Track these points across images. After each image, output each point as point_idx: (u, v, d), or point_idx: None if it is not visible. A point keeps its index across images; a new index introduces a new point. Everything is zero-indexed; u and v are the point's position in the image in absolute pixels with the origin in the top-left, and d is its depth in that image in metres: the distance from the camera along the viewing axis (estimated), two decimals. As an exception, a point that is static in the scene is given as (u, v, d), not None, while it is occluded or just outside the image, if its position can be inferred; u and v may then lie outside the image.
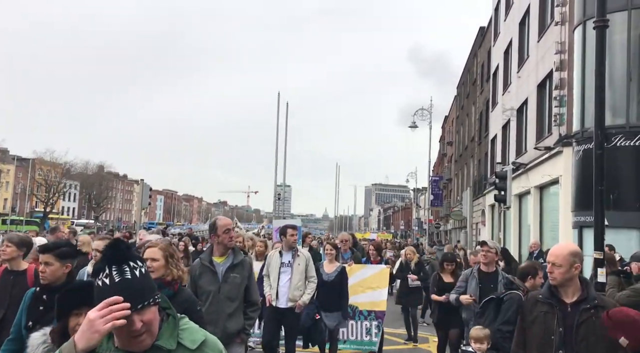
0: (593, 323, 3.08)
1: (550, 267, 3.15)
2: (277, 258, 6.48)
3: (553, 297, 3.20)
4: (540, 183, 15.42)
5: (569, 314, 3.15)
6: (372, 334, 7.81)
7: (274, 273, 6.41)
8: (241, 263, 4.41)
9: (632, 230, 10.76)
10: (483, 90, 29.29)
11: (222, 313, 4.23)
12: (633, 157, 11.06)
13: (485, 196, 25.59)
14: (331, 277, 6.91)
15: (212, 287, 4.28)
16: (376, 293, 7.89)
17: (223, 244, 4.36)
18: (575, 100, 12.82)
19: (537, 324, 3.22)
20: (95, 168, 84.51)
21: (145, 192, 15.75)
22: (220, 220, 4.49)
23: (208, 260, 4.39)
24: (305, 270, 6.37)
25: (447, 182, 44.64)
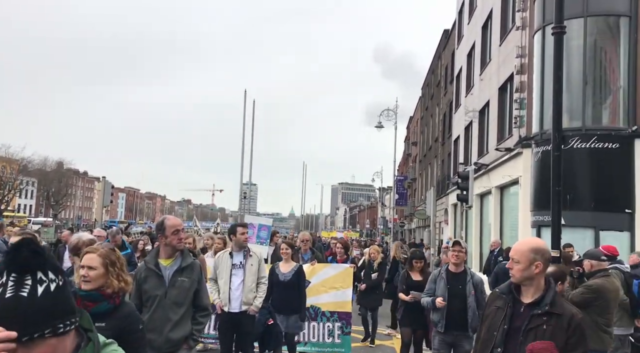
0: (542, 331, 2.79)
1: (510, 263, 3.00)
2: (227, 259, 6.07)
3: (510, 294, 3.00)
4: (500, 183, 15.83)
5: (520, 315, 2.91)
6: (334, 336, 7.56)
7: (224, 276, 6.01)
8: (190, 267, 4.10)
9: (587, 229, 11.18)
10: (447, 91, 29.83)
11: (168, 320, 3.94)
12: (588, 158, 11.49)
13: (448, 196, 26.09)
14: (287, 277, 6.61)
15: (158, 291, 3.97)
16: (339, 293, 7.65)
17: (171, 246, 4.07)
18: (535, 103, 13.22)
19: (489, 318, 3.06)
20: (55, 164, 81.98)
21: (107, 189, 15.38)
22: (169, 220, 4.16)
23: (153, 263, 4.09)
24: (257, 270, 6.06)
25: (412, 181, 45.28)
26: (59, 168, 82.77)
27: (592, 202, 11.32)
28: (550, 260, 2.94)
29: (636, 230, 11.07)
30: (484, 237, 18.46)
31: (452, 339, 5.71)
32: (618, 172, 11.36)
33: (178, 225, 4.14)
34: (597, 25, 12.16)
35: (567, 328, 2.75)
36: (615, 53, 12.06)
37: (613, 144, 11.40)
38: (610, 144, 11.40)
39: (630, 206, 11.18)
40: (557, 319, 2.78)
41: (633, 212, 11.15)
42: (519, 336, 2.82)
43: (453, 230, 24.93)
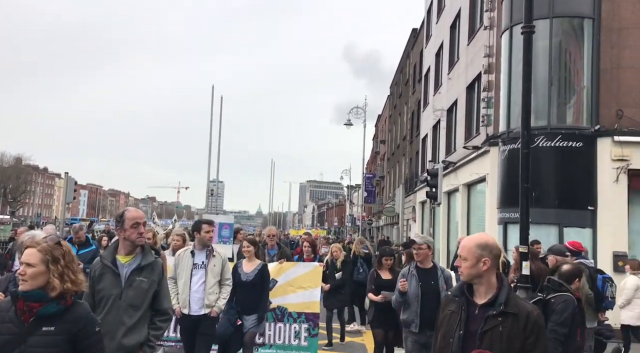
0: (499, 333, 2.62)
1: (458, 261, 2.81)
2: (188, 259, 5.73)
3: (462, 296, 2.81)
4: (468, 181, 16.06)
5: (475, 317, 2.73)
6: (300, 338, 7.28)
7: (184, 277, 5.67)
8: (151, 266, 3.72)
9: (551, 226, 11.43)
10: (415, 90, 30.12)
11: (121, 324, 3.55)
12: (553, 157, 11.74)
13: (416, 193, 26.35)
14: (250, 277, 6.28)
15: (113, 291, 3.59)
16: (307, 293, 7.38)
17: (130, 241, 3.68)
18: (502, 102, 13.44)
19: (444, 325, 2.85)
20: (12, 160, 79.32)
21: (70, 186, 14.87)
22: (129, 212, 3.77)
23: (110, 259, 3.68)
24: (220, 272, 5.74)
25: (380, 179, 45.61)
26: (17, 164, 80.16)
27: (557, 199, 11.58)
28: (499, 257, 2.77)
29: (598, 226, 11.39)
30: (452, 234, 18.71)
31: (426, 339, 5.37)
32: (581, 171, 11.65)
33: (139, 218, 3.74)
34: (562, 26, 12.44)
35: (524, 328, 2.63)
36: (579, 54, 12.37)
37: (577, 142, 11.68)
38: (574, 142, 11.68)
39: (593, 203, 11.49)
40: (513, 319, 2.64)
41: (595, 209, 11.46)
42: (474, 340, 2.66)
43: (421, 228, 25.20)
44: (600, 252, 11.13)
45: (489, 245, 2.79)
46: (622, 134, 11.43)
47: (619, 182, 11.30)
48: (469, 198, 16.88)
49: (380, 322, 6.51)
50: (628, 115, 11.52)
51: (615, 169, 11.33)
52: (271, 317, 7.22)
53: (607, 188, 11.37)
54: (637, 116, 11.52)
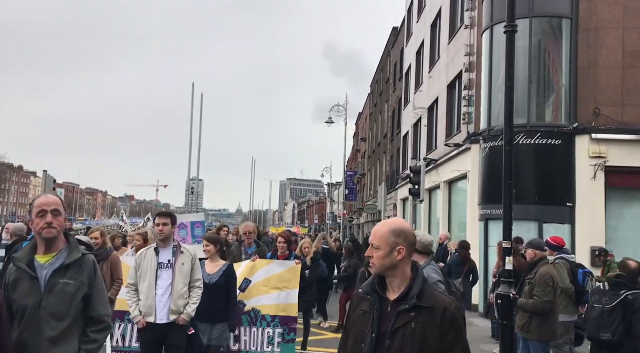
0: (411, 331, 2.26)
1: (369, 251, 2.44)
2: (152, 258, 5.00)
3: (374, 293, 2.42)
4: (449, 178, 16.24)
5: (387, 316, 2.35)
6: (274, 344, 6.57)
7: (149, 279, 4.94)
8: (79, 264, 3.02)
9: (531, 222, 11.63)
10: (396, 88, 30.30)
11: (42, 338, 2.86)
12: (533, 154, 11.94)
13: (397, 191, 26.54)
14: (214, 279, 5.59)
15: (30, 300, 2.89)
16: (284, 294, 6.67)
17: (38, 234, 2.99)
18: (483, 100, 13.62)
19: (355, 326, 2.47)
20: (-14, 158, 77.57)
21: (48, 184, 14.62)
22: (38, 199, 3.06)
23: (26, 261, 2.98)
24: (190, 271, 5.03)
25: (361, 177, 45.79)
26: (-8, 162, 78.41)
27: (536, 196, 11.78)
28: (414, 244, 2.48)
29: (576, 222, 11.63)
30: (433, 231, 18.88)
31: None
32: (560, 168, 11.88)
33: (46, 205, 2.99)
34: (541, 26, 12.65)
35: (440, 324, 2.26)
36: (558, 53, 12.59)
37: (555, 140, 11.90)
38: (553, 140, 11.90)
39: (571, 200, 11.73)
40: (428, 313, 2.28)
41: (574, 206, 11.70)
42: (386, 342, 2.30)
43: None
44: (579, 248, 11.37)
45: (405, 231, 2.44)
46: (599, 132, 11.69)
47: (596, 178, 11.56)
48: (450, 195, 17.07)
49: None
50: (605, 113, 11.79)
51: (592, 166, 11.58)
52: (246, 321, 6.58)
53: (585, 185, 11.62)
54: (613, 114, 11.79)
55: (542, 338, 5.75)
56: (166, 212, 5.39)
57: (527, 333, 5.76)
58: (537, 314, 5.68)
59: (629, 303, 4.78)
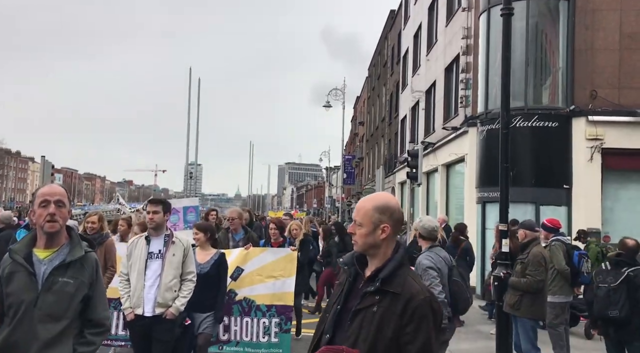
0: (371, 315, 2.08)
1: (352, 227, 2.29)
2: (143, 247, 4.76)
3: (352, 266, 2.30)
4: (447, 161, 16.30)
5: (357, 293, 2.20)
6: (271, 334, 6.36)
7: (137, 268, 4.72)
8: (80, 262, 2.80)
9: (527, 204, 11.72)
10: (393, 72, 30.19)
11: (35, 339, 2.65)
12: (530, 137, 11.99)
13: (395, 174, 26.62)
14: (205, 269, 5.35)
15: (26, 296, 2.68)
16: (279, 283, 6.44)
17: (40, 227, 2.77)
18: (480, 83, 13.61)
19: (332, 296, 2.41)
20: (-17, 145, 77.34)
21: (46, 169, 14.64)
22: (42, 188, 2.85)
23: (24, 254, 2.76)
24: (182, 263, 4.76)
25: (359, 160, 45.84)
26: (-11, 148, 78.22)
27: (533, 178, 11.85)
28: (401, 222, 2.31)
29: (573, 204, 11.72)
30: (431, 214, 19.00)
31: None
32: (557, 150, 11.94)
33: (49, 195, 2.77)
34: (538, 7, 12.59)
35: (401, 313, 2.05)
36: (555, 35, 12.56)
37: (552, 122, 11.94)
38: (550, 122, 11.94)
39: (568, 182, 11.81)
40: (392, 300, 2.08)
41: (570, 188, 11.78)
42: (347, 320, 2.16)
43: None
44: (575, 229, 11.46)
45: (390, 207, 2.22)
46: (596, 114, 11.72)
47: (593, 160, 11.62)
48: (447, 178, 17.15)
49: None
50: (602, 95, 11.80)
51: (589, 148, 11.64)
52: (237, 310, 6.37)
53: (582, 167, 11.68)
54: (610, 96, 11.81)
55: (532, 316, 5.89)
56: (157, 199, 5.06)
57: (517, 310, 5.88)
58: (528, 293, 5.80)
59: (631, 279, 4.97)
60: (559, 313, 6.93)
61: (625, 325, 5.04)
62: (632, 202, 11.95)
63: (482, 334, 8.42)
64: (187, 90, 28.12)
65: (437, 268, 4.68)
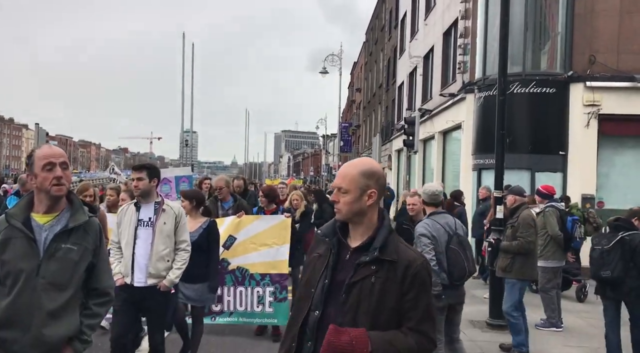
0: (370, 286, 2.00)
1: (335, 194, 2.14)
2: (133, 214, 4.50)
3: (334, 235, 2.16)
4: (444, 128, 16.24)
5: (345, 264, 2.08)
6: (265, 304, 6.27)
7: (127, 237, 4.49)
8: (83, 228, 2.63)
9: (523, 171, 11.76)
10: (391, 36, 29.75)
11: (39, 309, 2.49)
12: (527, 103, 11.93)
13: (392, 141, 26.57)
14: (193, 237, 5.07)
15: (26, 264, 2.50)
16: (273, 251, 6.30)
17: (44, 191, 2.58)
18: (478, 48, 13.44)
19: (308, 270, 2.22)
20: (-24, 112, 76.55)
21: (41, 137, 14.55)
22: (41, 150, 2.65)
23: (22, 219, 2.56)
24: (174, 233, 4.54)
25: (356, 128, 45.66)
26: (-18, 116, 77.48)
27: (530, 145, 11.85)
28: (384, 187, 2.19)
29: (568, 170, 11.77)
30: (427, 181, 19.07)
31: None
32: (554, 116, 11.90)
33: (53, 157, 2.60)
34: (539, -29, 12.34)
35: (402, 280, 2.01)
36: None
37: (550, 88, 11.86)
38: (548, 88, 11.86)
39: (564, 148, 11.81)
40: (390, 268, 2.02)
41: (566, 154, 11.80)
42: (339, 294, 2.03)
43: (396, 176, 25.58)
44: (570, 195, 11.53)
45: (376, 172, 2.13)
46: (593, 80, 11.63)
47: (589, 126, 11.60)
48: (444, 145, 17.13)
49: None
50: (600, 60, 11.69)
51: (586, 114, 11.59)
52: (230, 280, 6.27)
53: (578, 133, 11.67)
54: (609, 61, 11.70)
55: (523, 277, 6.01)
56: (140, 165, 4.69)
57: (509, 273, 5.98)
58: (519, 255, 5.90)
59: (626, 242, 5.16)
60: (551, 277, 7.05)
61: (618, 285, 5.22)
62: (627, 168, 12.00)
63: (476, 299, 8.58)
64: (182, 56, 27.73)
65: (430, 236, 4.69)
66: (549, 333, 6.84)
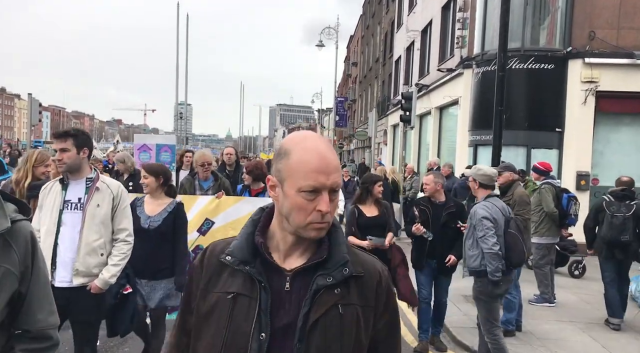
0: (338, 322, 1.33)
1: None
2: (57, 194, 3.45)
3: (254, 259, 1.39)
4: (440, 104, 16.15)
5: (284, 300, 1.35)
6: None
7: (48, 222, 3.40)
8: (3, 239, 1.63)
9: (520, 147, 11.75)
10: (389, 9, 29.32)
11: None
12: (525, 79, 11.84)
13: (388, 117, 26.44)
14: (155, 223, 4.17)
15: None
16: None
17: None
18: (477, 23, 13.27)
19: (215, 322, 1.40)
20: (-33, 82, 75.52)
21: (34, 107, 14.33)
22: None
23: None
24: (111, 219, 3.52)
25: (352, 102, 45.39)
26: (-27, 86, 76.44)
27: (526, 121, 11.81)
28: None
29: (564, 147, 11.76)
30: (422, 157, 19.07)
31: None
32: (551, 93, 11.83)
33: None
34: (541, -57, 12.11)
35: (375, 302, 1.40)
36: (557, -27, 12.15)
37: (548, 64, 11.76)
38: (546, 64, 11.76)
39: (561, 125, 11.79)
40: (354, 288, 1.37)
41: (562, 131, 11.78)
42: (293, 344, 1.31)
43: (392, 151, 25.54)
44: (565, 172, 11.58)
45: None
46: (592, 56, 11.53)
47: (586, 103, 11.55)
48: (440, 121, 17.06)
49: None
50: (600, 36, 11.57)
51: (584, 90, 11.53)
52: None
53: (575, 110, 11.62)
54: (608, 37, 11.58)
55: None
56: (64, 131, 3.48)
57: None
58: None
59: (637, 210, 5.98)
60: (545, 253, 7.11)
61: (627, 246, 6.04)
62: (623, 146, 12.01)
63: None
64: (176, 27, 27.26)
65: (492, 219, 4.39)
66: (542, 309, 6.93)
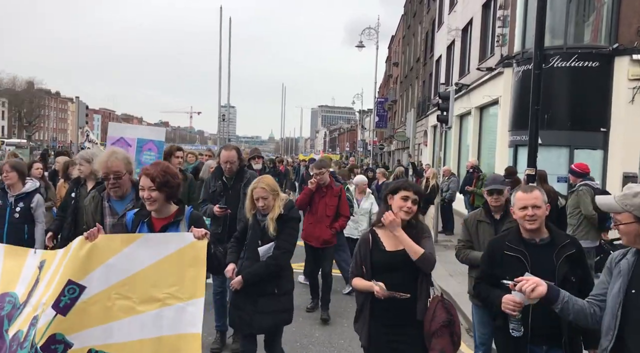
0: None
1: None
2: None
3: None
4: (480, 103, 15.84)
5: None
6: None
7: None
8: None
9: (562, 148, 11.39)
10: (430, 9, 28.98)
11: None
12: (568, 78, 11.46)
13: (428, 117, 26.11)
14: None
15: None
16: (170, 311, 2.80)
17: None
18: (518, 20, 12.95)
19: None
20: (25, 84, 79.28)
21: (81, 110, 14.95)
22: None
23: None
24: None
25: (392, 103, 45.06)
26: (30, 88, 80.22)
27: (569, 121, 11.43)
28: None
29: (609, 147, 11.32)
30: (462, 158, 18.73)
31: None
32: (596, 91, 11.40)
33: None
34: (586, -64, 11.71)
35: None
36: (603, -33, 11.71)
37: (593, 62, 11.34)
38: (590, 62, 11.34)
39: (606, 125, 11.35)
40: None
41: (608, 131, 11.34)
42: None
43: (432, 152, 25.22)
44: (610, 173, 11.14)
45: None
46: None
47: (634, 102, 11.07)
48: (481, 121, 16.72)
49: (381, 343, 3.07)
50: (649, 32, 11.08)
51: (631, 88, 11.06)
52: None
53: (622, 108, 11.16)
54: (658, 34, 11.08)
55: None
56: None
57: None
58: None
59: None
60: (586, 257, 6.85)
61: None
62: (673, 146, 11.45)
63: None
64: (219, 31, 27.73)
65: None
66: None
